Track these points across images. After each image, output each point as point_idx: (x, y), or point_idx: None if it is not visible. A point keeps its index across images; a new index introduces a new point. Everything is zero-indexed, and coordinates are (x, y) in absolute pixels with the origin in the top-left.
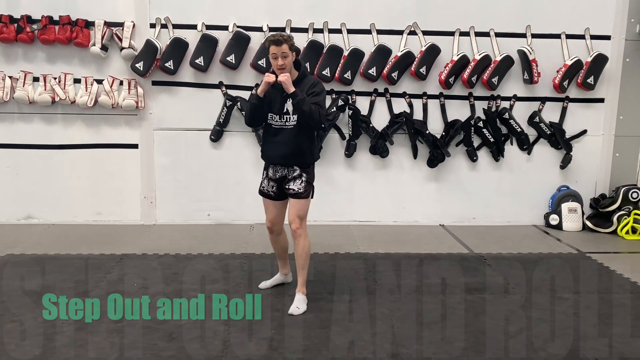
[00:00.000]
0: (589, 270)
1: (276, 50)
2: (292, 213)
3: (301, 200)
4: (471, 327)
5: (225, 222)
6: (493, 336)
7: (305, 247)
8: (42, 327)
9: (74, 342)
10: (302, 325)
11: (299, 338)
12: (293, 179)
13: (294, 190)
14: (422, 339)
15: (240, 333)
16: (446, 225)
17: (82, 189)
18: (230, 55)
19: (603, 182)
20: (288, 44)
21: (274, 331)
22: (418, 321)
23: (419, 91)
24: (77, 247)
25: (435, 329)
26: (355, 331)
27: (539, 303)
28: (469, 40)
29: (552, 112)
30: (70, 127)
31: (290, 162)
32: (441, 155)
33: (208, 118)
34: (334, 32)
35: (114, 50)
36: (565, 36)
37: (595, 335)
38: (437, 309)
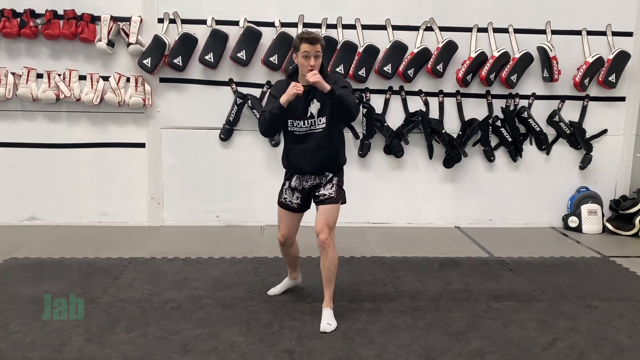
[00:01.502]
0: (615, 276)
1: (310, 49)
2: (320, 221)
3: (332, 206)
4: (501, 337)
5: (235, 224)
6: (525, 348)
7: (334, 260)
8: (50, 338)
9: (83, 355)
10: (324, 336)
11: (322, 350)
12: (324, 185)
13: (324, 195)
14: (452, 351)
15: (259, 344)
16: (462, 227)
17: (87, 189)
18: (240, 52)
19: (623, 183)
20: (321, 43)
21: (294, 343)
22: (445, 331)
23: (435, 89)
24: (83, 250)
25: (464, 340)
26: (380, 342)
27: (568, 311)
28: (487, 37)
29: (572, 111)
30: (75, 126)
31: (323, 169)
32: (458, 155)
33: (218, 116)
34: (348, 27)
35: (120, 46)
36: (586, 32)
37: (634, 347)
38: (463, 318)
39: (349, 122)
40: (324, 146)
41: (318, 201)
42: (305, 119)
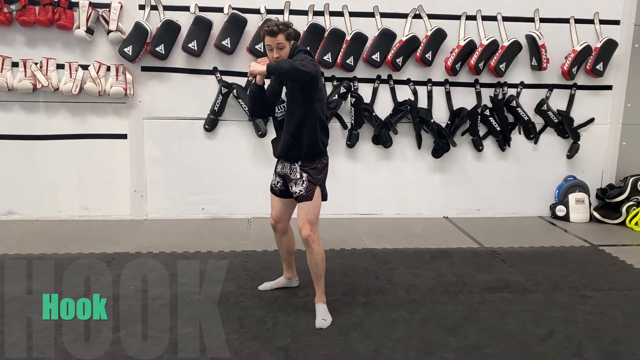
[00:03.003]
0: (605, 265)
1: (271, 41)
2: (300, 218)
3: (306, 203)
4: (498, 330)
5: (221, 217)
6: (523, 340)
7: (320, 255)
8: (33, 339)
9: (69, 356)
10: (319, 332)
11: (317, 346)
12: (295, 182)
13: (296, 193)
14: (450, 345)
15: (253, 342)
16: (450, 217)
17: (67, 183)
18: (225, 39)
19: (610, 172)
20: (284, 33)
21: (289, 339)
22: (441, 325)
23: (424, 78)
24: (64, 246)
25: (461, 333)
26: (377, 337)
27: (562, 302)
28: (476, 25)
29: (560, 99)
30: (53, 117)
31: (289, 156)
32: (446, 145)
33: (202, 106)
34: (336, 15)
35: (100, 33)
36: (574, 21)
37: (630, 338)
38: (458, 311)
39: (302, 81)
40: (287, 131)
41: (294, 198)
42: (280, 104)
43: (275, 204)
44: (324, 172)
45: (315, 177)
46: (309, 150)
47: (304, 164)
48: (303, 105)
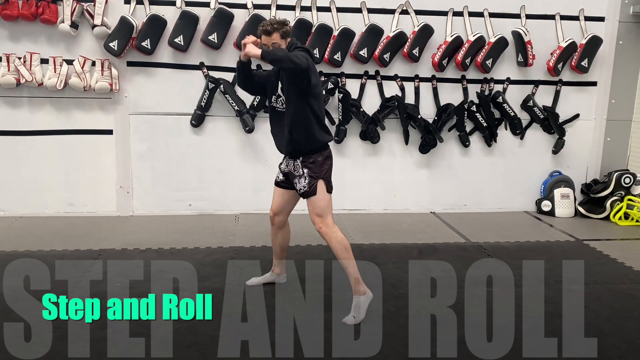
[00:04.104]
0: (590, 259)
1: (266, 40)
2: (310, 213)
3: (312, 198)
4: (487, 325)
5: (208, 213)
6: (511, 335)
7: (337, 244)
8: (19, 337)
9: (55, 354)
10: (307, 328)
11: (306, 342)
12: (298, 178)
13: (300, 190)
14: (438, 340)
15: (238, 338)
16: (437, 212)
17: (52, 179)
18: (212, 34)
19: (594, 167)
20: (279, 32)
21: (277, 334)
22: (428, 319)
23: (411, 74)
24: (50, 243)
25: (449, 328)
26: (365, 332)
27: (549, 296)
28: (463, 21)
29: (545, 95)
30: (37, 112)
31: (290, 151)
32: (433, 141)
33: (188, 101)
34: (323, 10)
35: (85, 28)
36: (559, 17)
37: (613, 331)
38: (446, 305)
39: (295, 74)
40: (286, 126)
41: (300, 195)
42: (278, 98)
43: (276, 196)
44: (325, 164)
45: (316, 170)
46: (306, 146)
47: (304, 159)
48: (297, 101)
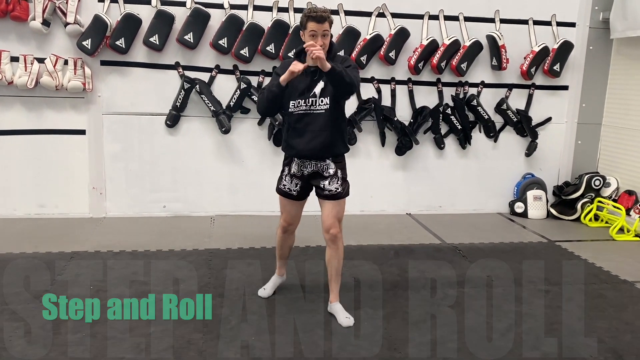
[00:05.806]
0: (562, 260)
1: (317, 28)
2: (331, 216)
3: (340, 201)
4: (460, 325)
5: (183, 214)
6: (484, 335)
7: (343, 252)
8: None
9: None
10: (284, 330)
11: (282, 344)
12: (329, 179)
13: (330, 191)
14: (413, 341)
15: (217, 341)
16: (413, 214)
17: (22, 179)
18: (188, 34)
19: (566, 170)
20: (329, 21)
21: (254, 337)
22: (405, 320)
23: (387, 76)
24: (20, 245)
25: (424, 328)
26: (341, 334)
27: (522, 297)
28: (438, 24)
29: (518, 99)
30: (7, 111)
31: (323, 155)
32: (409, 143)
33: (163, 102)
34: (300, 11)
35: (57, 25)
36: (532, 22)
37: (584, 331)
38: (421, 306)
39: (349, 93)
40: (324, 129)
41: (324, 196)
42: (307, 98)
43: (290, 208)
44: (346, 168)
45: (346, 173)
46: (339, 148)
47: (336, 160)
48: (337, 104)
